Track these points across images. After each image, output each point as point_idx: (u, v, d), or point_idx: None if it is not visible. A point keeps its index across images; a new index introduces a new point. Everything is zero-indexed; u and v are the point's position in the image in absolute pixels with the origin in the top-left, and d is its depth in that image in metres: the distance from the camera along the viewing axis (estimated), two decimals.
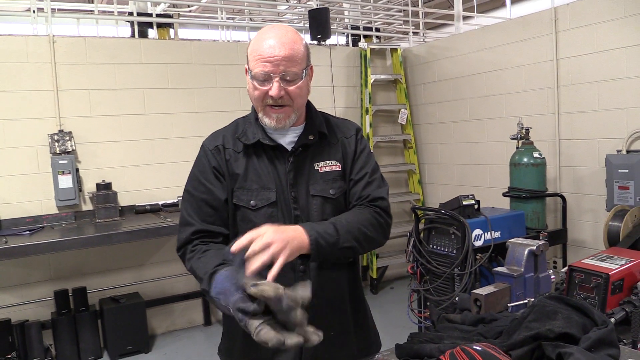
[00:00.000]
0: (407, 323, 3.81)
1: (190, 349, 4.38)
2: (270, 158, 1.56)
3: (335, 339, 1.59)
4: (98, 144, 4.44)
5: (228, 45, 5.17)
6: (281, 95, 1.46)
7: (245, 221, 1.54)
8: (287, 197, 1.54)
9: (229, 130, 1.62)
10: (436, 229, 3.52)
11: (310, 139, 1.57)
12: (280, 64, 1.44)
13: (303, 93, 1.52)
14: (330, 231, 1.40)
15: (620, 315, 2.15)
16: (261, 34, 1.50)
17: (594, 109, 4.07)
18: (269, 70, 1.44)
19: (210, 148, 1.59)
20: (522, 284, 1.90)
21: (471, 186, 5.13)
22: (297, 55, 1.47)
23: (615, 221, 3.42)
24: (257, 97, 1.50)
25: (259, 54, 1.45)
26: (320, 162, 1.58)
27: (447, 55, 5.42)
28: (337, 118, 1.72)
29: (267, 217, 1.51)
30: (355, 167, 1.62)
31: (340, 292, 1.63)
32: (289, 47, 1.45)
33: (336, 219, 1.48)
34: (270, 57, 1.44)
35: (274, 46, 1.44)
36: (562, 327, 1.34)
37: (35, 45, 4.19)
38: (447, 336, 1.49)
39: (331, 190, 1.57)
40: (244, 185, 1.54)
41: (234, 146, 1.57)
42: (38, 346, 3.99)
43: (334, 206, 1.57)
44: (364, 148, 1.66)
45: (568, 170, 4.31)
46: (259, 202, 1.53)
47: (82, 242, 3.82)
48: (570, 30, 4.17)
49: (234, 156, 1.56)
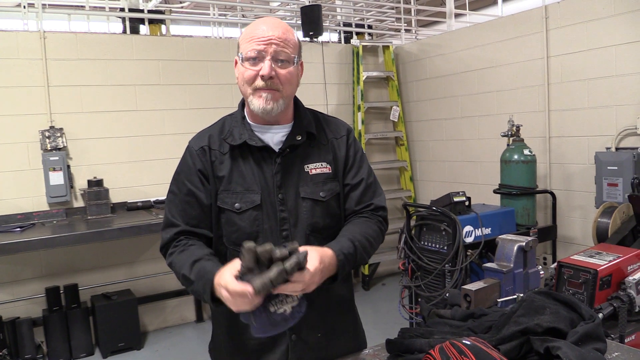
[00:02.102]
0: (398, 319, 3.84)
1: (182, 346, 4.38)
2: (257, 159, 1.51)
3: (324, 340, 1.59)
4: (89, 141, 4.43)
5: (220, 41, 5.16)
6: (272, 76, 1.42)
7: (229, 224, 1.51)
8: (274, 200, 1.50)
9: (215, 129, 1.57)
10: (427, 225, 3.54)
11: (298, 139, 1.52)
12: (273, 42, 1.42)
13: (293, 81, 1.49)
14: (351, 251, 1.42)
15: (608, 311, 2.19)
16: (253, 23, 1.50)
17: (584, 107, 4.11)
18: (261, 48, 1.42)
19: (196, 149, 1.54)
20: (512, 280, 1.92)
21: (462, 183, 5.16)
22: (289, 40, 1.46)
23: (604, 218, 3.46)
24: (247, 78, 1.45)
25: (251, 35, 1.44)
26: (310, 163, 1.54)
27: (439, 52, 5.44)
28: (327, 116, 1.67)
29: (252, 220, 1.49)
30: (351, 172, 1.59)
31: (333, 293, 1.62)
32: (281, 30, 1.45)
33: (354, 236, 1.46)
34: (262, 36, 1.43)
35: (267, 28, 1.44)
36: (550, 321, 1.36)
37: (26, 41, 4.17)
38: (437, 331, 1.51)
39: (321, 192, 1.53)
40: (228, 188, 1.51)
41: (220, 147, 1.53)
42: (29, 343, 3.98)
43: (323, 209, 1.53)
44: (358, 150, 1.62)
45: (558, 167, 4.35)
46: (244, 204, 1.49)
47: (73, 238, 3.80)
48: (561, 28, 4.20)
49: (219, 158, 1.52)
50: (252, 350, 1.55)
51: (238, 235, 1.49)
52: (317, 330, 1.57)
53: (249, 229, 1.49)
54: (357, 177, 1.59)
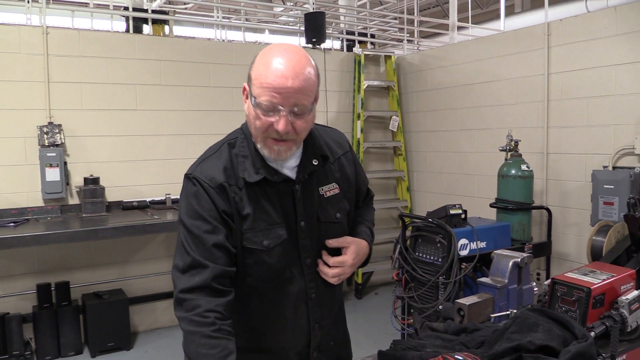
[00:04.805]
0: (390, 329, 3.82)
1: (172, 348, 4.35)
2: (276, 191, 1.42)
3: (334, 347, 1.63)
4: (87, 138, 4.42)
5: (223, 44, 5.17)
6: (288, 131, 1.31)
7: (259, 263, 1.41)
8: (296, 228, 1.45)
9: (223, 161, 1.42)
10: (423, 237, 3.54)
11: (315, 164, 1.46)
12: (291, 97, 1.28)
13: (309, 127, 1.39)
14: (372, 238, 1.65)
15: (600, 330, 2.18)
16: (269, 56, 1.31)
17: (582, 125, 4.12)
18: (277, 102, 1.28)
19: (212, 186, 1.37)
20: (506, 296, 1.92)
21: (459, 195, 5.16)
22: (309, 87, 1.31)
23: (599, 236, 3.46)
24: (259, 127, 1.33)
25: (268, 82, 1.28)
26: (324, 186, 1.50)
27: (440, 64, 5.46)
28: (326, 129, 1.61)
29: (280, 255, 1.42)
30: (360, 186, 1.68)
31: (338, 302, 1.66)
32: (302, 77, 1.29)
33: (368, 225, 1.68)
34: (280, 88, 1.27)
35: (286, 76, 1.27)
36: (542, 339, 1.36)
37: (28, 36, 4.16)
38: (430, 344, 1.51)
39: (337, 214, 1.52)
40: (254, 226, 1.39)
41: (236, 182, 1.40)
42: (18, 339, 3.95)
43: (338, 229, 1.53)
44: (356, 161, 1.67)
45: (555, 183, 4.36)
46: (272, 241, 1.41)
47: (67, 236, 3.79)
48: (563, 45, 4.22)
49: (238, 194, 1.39)
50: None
51: (268, 274, 1.43)
52: (330, 339, 1.62)
53: (277, 264, 1.43)
54: (364, 185, 1.71)
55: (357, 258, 1.54)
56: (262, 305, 1.47)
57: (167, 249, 4.72)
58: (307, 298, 1.49)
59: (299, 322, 1.50)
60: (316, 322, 1.52)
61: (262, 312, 1.47)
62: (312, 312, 1.50)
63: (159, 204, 4.57)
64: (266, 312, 1.47)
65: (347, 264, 1.50)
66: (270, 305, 1.47)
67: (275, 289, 1.45)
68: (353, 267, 1.53)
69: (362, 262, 1.62)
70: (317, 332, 1.53)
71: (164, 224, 4.03)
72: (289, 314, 1.48)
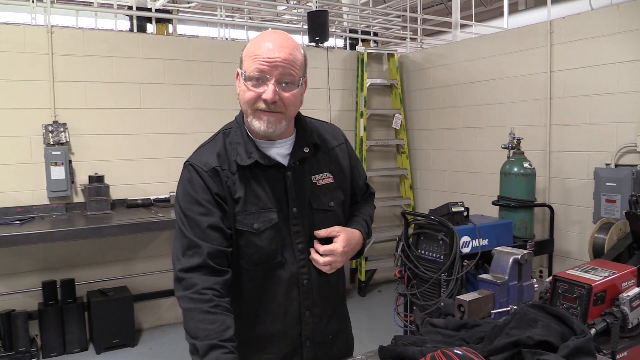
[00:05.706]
0: (393, 326, 3.84)
1: (177, 344, 4.37)
2: (268, 176, 1.49)
3: (331, 342, 1.64)
4: (92, 137, 4.45)
5: (226, 43, 5.19)
6: (275, 100, 1.39)
7: (249, 246, 1.47)
8: (287, 214, 1.50)
9: (217, 147, 1.50)
10: (425, 234, 3.55)
11: (306, 151, 1.52)
12: (279, 65, 1.37)
13: (297, 102, 1.46)
14: (367, 230, 1.68)
15: (601, 326, 2.20)
16: (259, 37, 1.44)
17: (584, 122, 4.13)
18: (265, 69, 1.37)
19: (206, 170, 1.45)
20: (506, 292, 1.94)
21: (461, 193, 5.17)
22: (296, 61, 1.41)
23: (600, 233, 3.47)
24: (248, 99, 1.41)
25: (256, 53, 1.39)
26: (317, 174, 1.56)
27: (443, 62, 5.47)
28: (321, 123, 1.68)
29: (271, 239, 1.47)
30: (357, 179, 1.71)
31: (338, 294, 1.67)
32: (288, 50, 1.39)
33: (364, 218, 1.70)
34: (268, 57, 1.37)
35: (273, 48, 1.38)
36: (541, 334, 1.37)
37: (33, 35, 4.19)
38: (430, 340, 1.52)
39: (330, 202, 1.57)
40: (245, 209, 1.46)
41: (230, 167, 1.47)
42: (24, 336, 3.99)
43: (332, 217, 1.57)
44: (353, 153, 1.71)
45: (557, 181, 4.37)
46: (262, 224, 1.46)
47: (72, 233, 3.82)
48: (565, 43, 4.22)
49: (231, 178, 1.46)
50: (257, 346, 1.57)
51: (259, 256, 1.48)
52: (327, 332, 1.63)
53: (267, 247, 1.48)
54: (361, 179, 1.74)
55: (348, 247, 1.55)
56: (254, 288, 1.51)
57: (171, 247, 4.72)
58: (299, 284, 1.53)
59: (290, 308, 1.53)
60: (307, 308, 1.54)
61: (255, 295, 1.52)
62: (303, 298, 1.53)
63: (163, 202, 4.60)
64: (259, 295, 1.52)
65: (337, 252, 1.52)
66: (263, 289, 1.51)
67: (268, 273, 1.50)
68: (344, 255, 1.55)
69: (357, 253, 1.63)
70: (309, 319, 1.55)
71: (168, 222, 4.06)
72: (280, 298, 1.52)
